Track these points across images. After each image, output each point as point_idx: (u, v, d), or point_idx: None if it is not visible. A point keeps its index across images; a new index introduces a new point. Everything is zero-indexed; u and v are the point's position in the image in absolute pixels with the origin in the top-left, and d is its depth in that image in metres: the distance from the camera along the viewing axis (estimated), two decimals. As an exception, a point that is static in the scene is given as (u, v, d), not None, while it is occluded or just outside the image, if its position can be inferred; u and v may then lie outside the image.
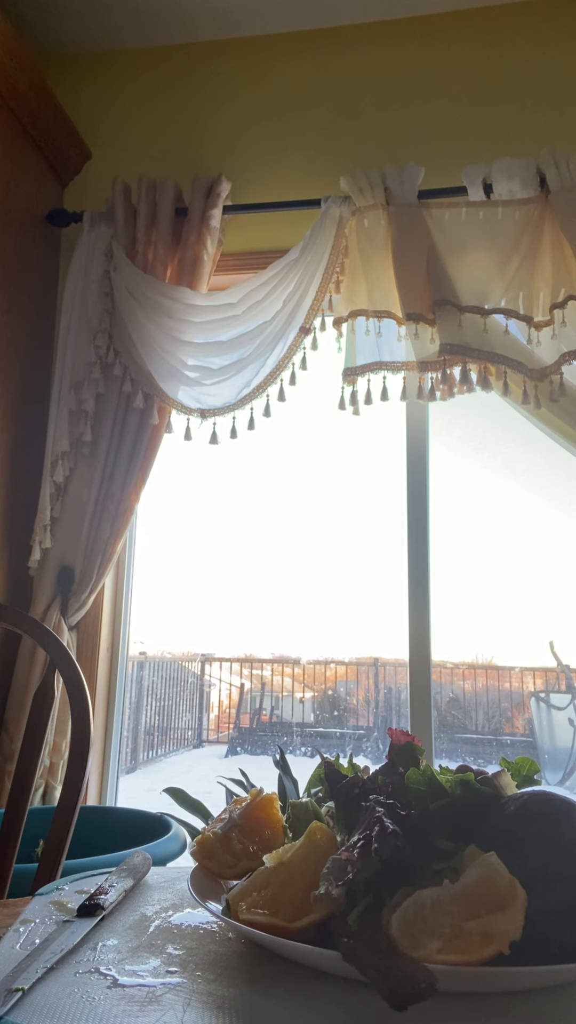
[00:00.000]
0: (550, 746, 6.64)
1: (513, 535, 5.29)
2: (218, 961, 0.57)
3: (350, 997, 0.52)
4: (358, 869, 0.54)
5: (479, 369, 1.97)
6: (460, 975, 0.48)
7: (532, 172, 1.95)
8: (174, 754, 9.05)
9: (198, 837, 0.70)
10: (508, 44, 2.21)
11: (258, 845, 0.68)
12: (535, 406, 1.94)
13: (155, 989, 0.52)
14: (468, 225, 1.98)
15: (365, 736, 8.76)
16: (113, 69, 2.40)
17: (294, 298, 2.03)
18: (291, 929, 0.55)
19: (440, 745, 7.44)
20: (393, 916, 0.52)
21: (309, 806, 0.69)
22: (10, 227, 2.06)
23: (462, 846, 0.57)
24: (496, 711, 9.06)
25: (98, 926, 0.62)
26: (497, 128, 2.14)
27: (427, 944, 0.49)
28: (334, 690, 10.11)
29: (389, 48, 2.27)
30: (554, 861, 0.54)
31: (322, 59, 2.29)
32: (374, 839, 0.55)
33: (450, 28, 2.25)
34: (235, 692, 10.38)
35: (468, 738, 8.47)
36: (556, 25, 2.19)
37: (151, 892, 0.71)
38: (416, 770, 0.63)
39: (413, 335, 1.96)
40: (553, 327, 1.92)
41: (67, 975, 0.54)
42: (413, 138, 2.18)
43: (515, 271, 1.94)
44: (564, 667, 6.78)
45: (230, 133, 2.30)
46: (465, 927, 0.50)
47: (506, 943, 0.48)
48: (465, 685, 9.07)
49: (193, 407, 2.05)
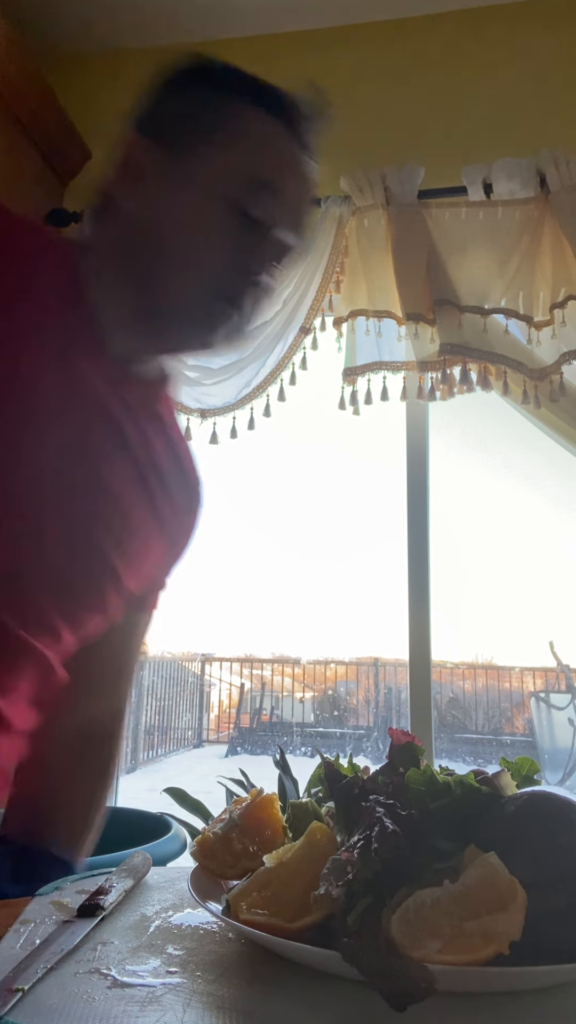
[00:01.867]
0: (550, 746, 6.65)
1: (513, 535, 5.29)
2: (218, 961, 0.57)
3: (350, 997, 0.52)
4: (358, 869, 0.54)
5: (479, 369, 1.97)
6: (460, 975, 0.48)
7: (532, 172, 1.95)
8: (174, 754, 9.06)
9: (198, 837, 0.70)
10: (508, 44, 2.21)
11: (258, 845, 0.68)
12: (535, 406, 1.94)
13: (155, 989, 0.52)
14: (468, 225, 1.98)
15: (365, 736, 8.77)
16: (113, 69, 2.40)
17: (294, 298, 2.03)
18: (291, 929, 0.55)
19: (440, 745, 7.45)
20: (393, 916, 0.52)
21: (309, 806, 0.69)
22: (10, 227, 2.06)
23: (462, 846, 0.57)
24: (496, 711, 9.07)
25: (98, 926, 0.62)
26: (497, 128, 2.14)
27: (427, 944, 0.49)
28: (334, 690, 10.12)
29: (389, 48, 2.27)
30: (554, 861, 0.54)
31: (322, 59, 2.29)
32: (374, 839, 0.55)
33: (450, 28, 2.25)
34: (235, 692, 10.39)
35: (468, 738, 8.48)
36: (555, 25, 2.19)
37: (151, 892, 0.71)
38: (416, 770, 0.63)
39: (413, 335, 1.96)
40: (553, 327, 1.92)
41: (67, 975, 0.54)
42: (413, 138, 2.18)
43: (515, 271, 1.94)
44: (564, 667, 6.77)
45: (230, 133, 2.30)
46: (465, 927, 0.50)
47: (506, 943, 0.48)
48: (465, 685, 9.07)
49: (193, 407, 2.05)
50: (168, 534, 1.01)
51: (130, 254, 0.89)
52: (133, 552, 0.94)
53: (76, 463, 0.87)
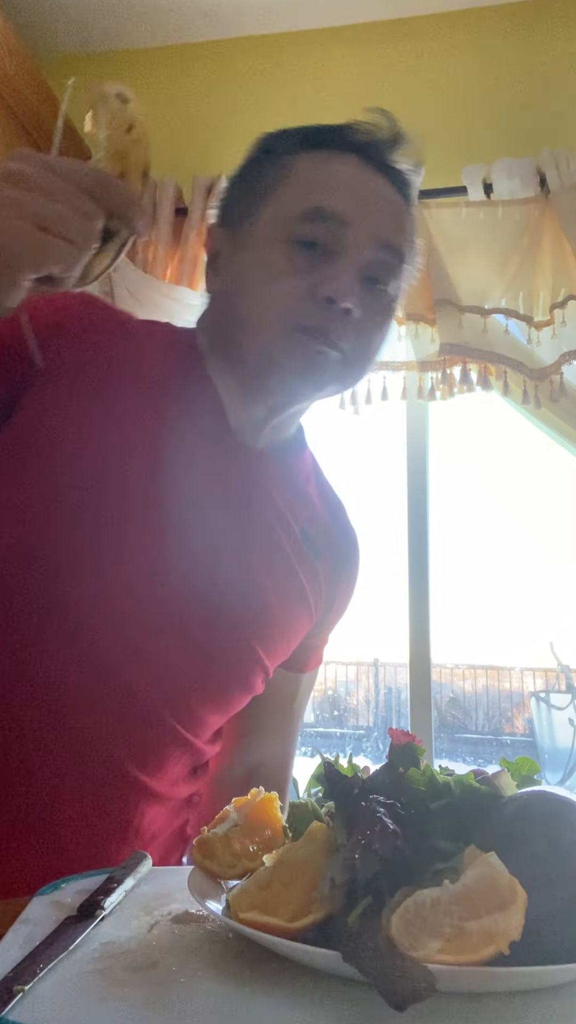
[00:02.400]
0: (550, 746, 6.65)
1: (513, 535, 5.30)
2: (218, 961, 0.57)
3: (350, 997, 0.52)
4: (358, 869, 0.54)
5: (479, 369, 1.97)
6: (460, 975, 0.48)
7: (532, 172, 1.95)
8: (174, 754, 9.03)
9: (198, 837, 0.70)
10: (507, 44, 2.21)
11: (258, 845, 0.68)
12: (535, 406, 1.94)
13: (155, 989, 0.52)
14: (468, 225, 1.99)
15: (365, 736, 8.76)
16: (113, 69, 2.40)
17: (294, 298, 2.03)
18: (291, 929, 0.55)
19: (440, 745, 7.45)
20: (393, 916, 0.52)
21: (309, 806, 0.69)
22: (10, 227, 2.06)
23: (462, 846, 0.57)
24: (496, 711, 9.06)
25: (98, 926, 0.62)
26: (497, 128, 2.14)
27: (427, 944, 0.49)
28: (334, 690, 10.11)
29: (389, 48, 2.27)
30: (554, 861, 0.54)
31: (322, 59, 2.29)
32: (374, 839, 0.55)
33: (450, 28, 2.25)
34: (235, 692, 10.37)
35: (468, 738, 8.48)
36: (555, 25, 2.19)
37: (152, 892, 0.71)
38: (416, 770, 0.63)
39: (413, 335, 1.96)
40: (553, 327, 1.92)
41: (67, 975, 0.54)
42: (413, 138, 2.18)
43: (515, 271, 1.94)
44: (564, 667, 6.77)
45: (230, 133, 2.30)
46: (465, 927, 0.50)
47: (506, 943, 0.48)
48: (465, 685, 9.07)
49: (193, 407, 2.05)
50: (318, 608, 1.00)
51: (222, 329, 0.90)
52: (278, 635, 0.95)
53: (219, 556, 0.88)
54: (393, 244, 0.88)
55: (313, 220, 0.84)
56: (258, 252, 0.86)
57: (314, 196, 0.85)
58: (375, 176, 0.89)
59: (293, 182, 0.87)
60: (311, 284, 0.83)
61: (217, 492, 0.89)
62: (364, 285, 0.85)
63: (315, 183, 0.86)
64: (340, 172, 0.87)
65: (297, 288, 0.83)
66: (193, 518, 0.86)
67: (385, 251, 0.87)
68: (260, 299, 0.85)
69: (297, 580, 0.94)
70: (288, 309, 0.83)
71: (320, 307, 0.82)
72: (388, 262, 0.87)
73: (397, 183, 0.90)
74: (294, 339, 0.83)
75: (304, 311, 0.83)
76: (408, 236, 0.90)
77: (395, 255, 0.88)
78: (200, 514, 0.87)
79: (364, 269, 0.85)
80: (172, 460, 0.85)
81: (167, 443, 0.86)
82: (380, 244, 0.86)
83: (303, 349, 0.84)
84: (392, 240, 0.87)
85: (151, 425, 0.86)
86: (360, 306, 0.84)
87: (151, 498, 0.84)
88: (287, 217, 0.85)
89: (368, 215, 0.86)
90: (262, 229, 0.86)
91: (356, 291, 0.83)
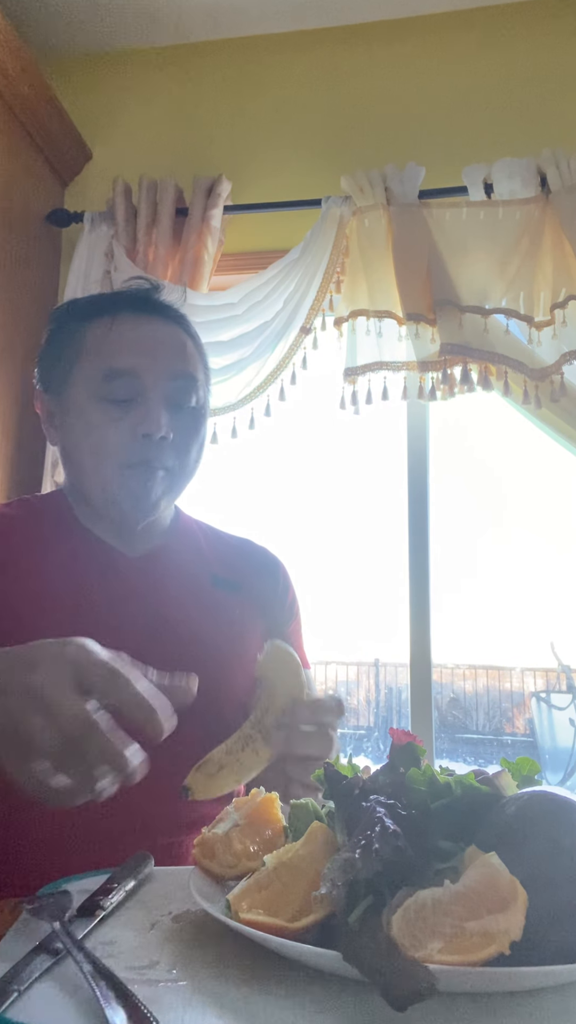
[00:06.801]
0: (551, 746, 6.63)
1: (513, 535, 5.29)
2: (218, 961, 0.57)
3: (350, 997, 0.52)
4: (358, 869, 0.54)
5: (480, 369, 1.97)
6: (460, 975, 0.48)
7: (532, 172, 1.95)
8: (175, 754, 9.03)
9: (199, 837, 0.70)
10: (508, 44, 2.21)
11: (259, 845, 0.68)
12: (535, 406, 1.94)
13: (156, 989, 0.52)
14: (469, 225, 1.98)
15: (366, 736, 8.76)
16: (113, 69, 2.40)
17: (295, 298, 2.03)
18: (291, 929, 0.55)
19: (441, 745, 7.44)
20: (394, 916, 0.52)
21: (309, 806, 0.69)
22: (10, 227, 2.06)
23: (462, 846, 0.57)
24: (497, 711, 9.05)
25: (98, 925, 0.62)
26: (497, 128, 2.14)
27: (428, 944, 0.49)
28: (334, 690, 10.10)
29: (389, 48, 2.27)
30: (555, 861, 0.54)
31: (323, 59, 2.29)
32: (375, 839, 0.55)
33: (450, 28, 2.25)
34: (236, 692, 10.38)
35: (469, 738, 8.46)
36: (556, 25, 2.19)
37: (152, 892, 0.71)
38: (417, 770, 0.63)
39: (414, 335, 1.96)
40: (554, 327, 1.92)
41: (67, 975, 0.54)
42: (413, 138, 2.18)
43: (516, 271, 1.94)
44: (564, 667, 6.77)
45: (231, 133, 2.30)
46: (466, 927, 0.50)
47: (507, 943, 0.48)
48: (466, 685, 9.05)
49: (193, 407, 2.05)
50: (261, 615, 1.14)
51: (74, 480, 1.08)
52: (245, 662, 1.02)
53: (149, 643, 0.93)
54: (183, 372, 1.05)
55: (113, 380, 1.01)
56: (80, 412, 1.03)
57: (107, 360, 1.02)
58: (150, 320, 1.06)
59: (89, 350, 1.04)
60: (129, 426, 1.00)
61: (131, 601, 1.03)
62: (171, 411, 1.03)
63: (105, 348, 1.03)
64: (122, 332, 1.04)
65: (118, 435, 1.00)
66: (121, 629, 0.95)
67: (178, 379, 1.04)
68: (92, 450, 1.02)
69: (227, 612, 1.09)
70: (114, 454, 1.01)
71: (140, 444, 1.00)
72: (184, 386, 1.04)
73: (170, 318, 1.08)
74: (124, 476, 1.01)
75: (128, 451, 1.00)
76: (192, 356, 1.08)
77: (188, 379, 1.05)
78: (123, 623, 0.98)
79: (167, 399, 1.03)
80: (76, 607, 0.98)
81: (66, 593, 0.99)
82: (172, 376, 1.03)
83: (132, 483, 1.01)
84: (181, 369, 1.05)
85: (50, 586, 0.99)
86: (172, 428, 1.02)
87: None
88: (93, 379, 1.02)
89: (155, 359, 1.03)
90: (77, 393, 1.04)
91: (165, 420, 1.01)
